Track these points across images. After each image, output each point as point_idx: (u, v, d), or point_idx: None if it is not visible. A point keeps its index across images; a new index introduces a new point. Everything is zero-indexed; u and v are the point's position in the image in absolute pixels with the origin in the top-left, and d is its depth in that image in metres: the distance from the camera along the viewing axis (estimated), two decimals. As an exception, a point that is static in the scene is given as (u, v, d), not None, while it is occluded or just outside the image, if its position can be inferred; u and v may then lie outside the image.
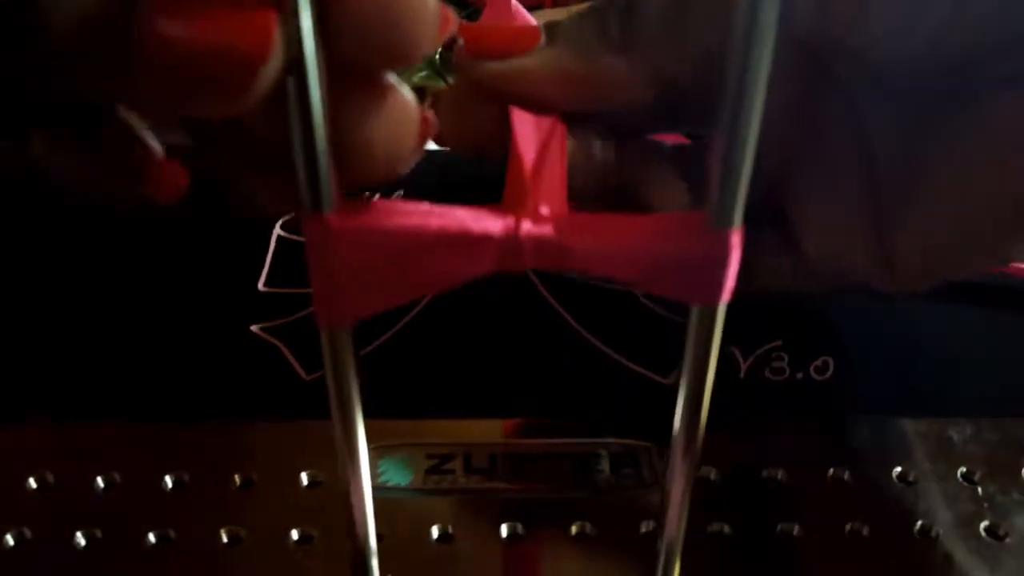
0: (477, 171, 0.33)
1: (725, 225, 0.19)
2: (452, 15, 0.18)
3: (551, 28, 0.28)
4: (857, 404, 0.32)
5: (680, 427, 0.22)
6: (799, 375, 0.33)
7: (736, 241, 0.19)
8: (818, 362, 0.33)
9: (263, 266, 0.38)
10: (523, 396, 0.32)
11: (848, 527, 0.28)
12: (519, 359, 0.34)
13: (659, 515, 0.24)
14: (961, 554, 0.28)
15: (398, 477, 0.29)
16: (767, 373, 0.33)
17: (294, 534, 0.28)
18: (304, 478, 0.29)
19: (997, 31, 0.24)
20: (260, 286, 0.37)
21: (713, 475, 0.30)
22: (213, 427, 0.31)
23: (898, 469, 0.30)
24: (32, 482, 0.29)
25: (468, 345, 0.34)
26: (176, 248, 0.39)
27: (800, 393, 0.33)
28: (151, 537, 0.27)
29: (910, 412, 0.32)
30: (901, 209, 0.28)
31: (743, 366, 0.33)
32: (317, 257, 0.20)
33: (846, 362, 0.33)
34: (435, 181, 0.43)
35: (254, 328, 0.34)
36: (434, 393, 0.32)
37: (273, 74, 0.16)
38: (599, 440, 0.31)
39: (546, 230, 0.20)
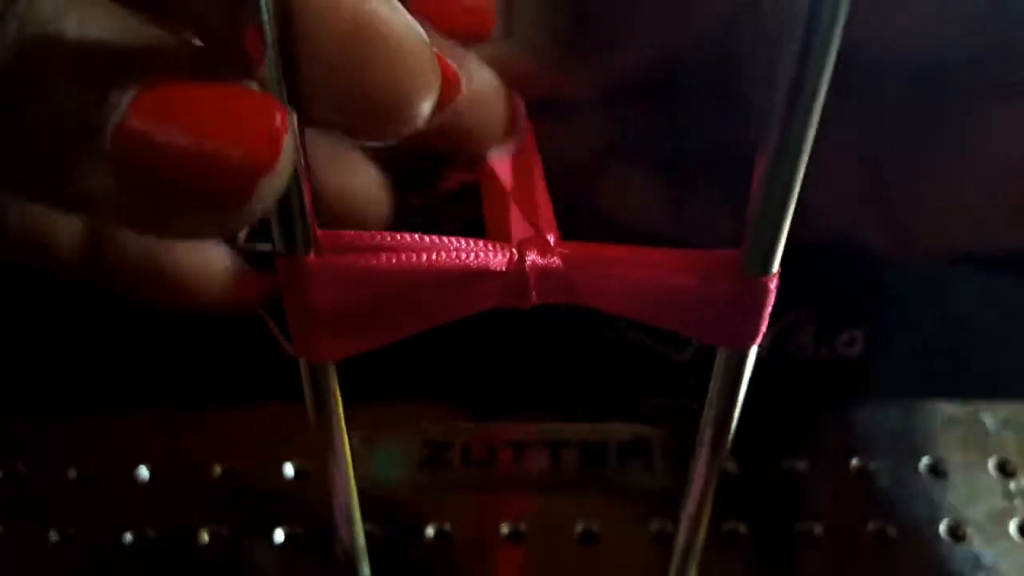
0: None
1: (761, 272, 0.17)
2: (458, 73, 0.15)
3: (504, 14, 0.26)
4: (886, 382, 0.30)
5: (700, 465, 0.21)
6: (824, 350, 0.30)
7: (772, 287, 0.17)
8: (846, 336, 0.31)
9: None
10: (521, 377, 0.30)
11: (871, 526, 0.26)
12: (516, 334, 0.31)
13: (675, 515, 0.22)
14: (991, 557, 0.26)
15: (390, 469, 0.27)
16: (790, 348, 0.30)
17: (279, 533, 0.26)
18: (289, 469, 0.27)
19: (983, 38, 0.25)
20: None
21: (730, 466, 0.28)
22: (189, 413, 0.28)
23: (926, 460, 0.28)
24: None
25: (463, 321, 0.31)
26: None
27: (825, 371, 0.30)
28: (127, 536, 0.26)
29: (943, 391, 0.30)
30: (905, 193, 0.28)
31: (764, 340, 0.30)
32: (293, 299, 0.17)
33: (876, 336, 0.31)
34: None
35: None
36: (428, 374, 0.30)
37: (278, 187, 0.13)
38: (606, 425, 0.29)
39: (554, 262, 0.18)
